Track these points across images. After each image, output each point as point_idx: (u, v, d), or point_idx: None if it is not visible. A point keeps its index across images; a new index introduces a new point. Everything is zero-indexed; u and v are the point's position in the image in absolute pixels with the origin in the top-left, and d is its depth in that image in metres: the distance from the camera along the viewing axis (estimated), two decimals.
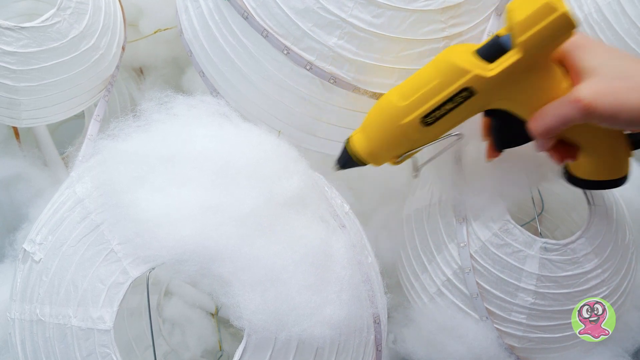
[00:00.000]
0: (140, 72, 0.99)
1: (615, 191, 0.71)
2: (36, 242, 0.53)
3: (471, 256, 0.65)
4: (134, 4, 0.90)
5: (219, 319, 0.79)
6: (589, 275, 0.64)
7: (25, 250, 0.54)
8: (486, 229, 0.65)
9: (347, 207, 0.60)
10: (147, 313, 0.77)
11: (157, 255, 0.46)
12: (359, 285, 0.51)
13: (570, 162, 0.57)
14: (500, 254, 0.64)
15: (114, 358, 0.47)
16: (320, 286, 0.48)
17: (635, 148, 0.55)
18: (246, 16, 0.61)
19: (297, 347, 0.48)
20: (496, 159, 0.62)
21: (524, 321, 0.65)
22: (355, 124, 0.65)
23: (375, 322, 0.54)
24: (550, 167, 0.64)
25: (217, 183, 0.49)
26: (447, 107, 0.53)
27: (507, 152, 0.61)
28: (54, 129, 0.95)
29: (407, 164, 0.83)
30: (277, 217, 0.49)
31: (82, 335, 0.48)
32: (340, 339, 0.49)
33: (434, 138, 0.56)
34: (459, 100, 0.52)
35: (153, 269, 0.47)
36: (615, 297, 0.66)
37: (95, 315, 0.47)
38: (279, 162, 0.52)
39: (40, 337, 0.50)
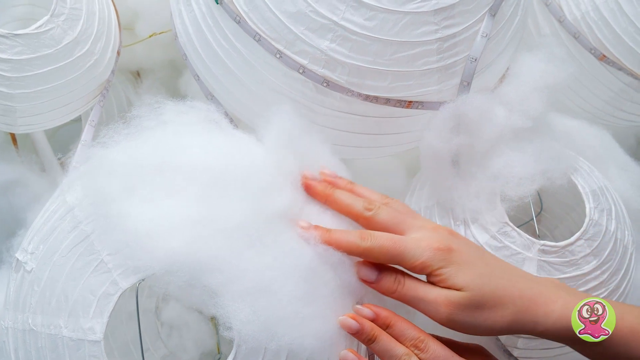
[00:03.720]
0: (137, 75, 0.99)
1: (615, 191, 0.71)
2: (28, 251, 0.54)
3: None
4: (130, 7, 0.90)
5: (217, 322, 0.79)
6: (588, 277, 0.64)
7: (17, 259, 0.54)
8: (484, 231, 0.65)
9: None
10: (146, 316, 0.78)
11: (147, 266, 0.46)
12: (349, 299, 0.51)
13: None
14: (498, 256, 0.64)
15: None
16: (310, 297, 0.48)
17: None
18: (238, 20, 0.61)
19: (287, 357, 0.47)
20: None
21: None
22: (349, 126, 0.65)
23: None
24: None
25: (206, 194, 0.49)
26: None
27: None
28: (51, 133, 0.95)
29: (406, 163, 0.84)
30: (266, 229, 0.49)
31: (73, 346, 0.48)
32: (331, 350, 0.49)
33: None
34: None
35: (143, 279, 0.47)
36: (615, 298, 0.65)
37: (86, 326, 0.47)
38: (269, 173, 0.52)
39: (32, 347, 0.50)
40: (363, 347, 0.52)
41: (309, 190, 0.54)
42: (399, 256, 0.50)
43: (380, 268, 0.52)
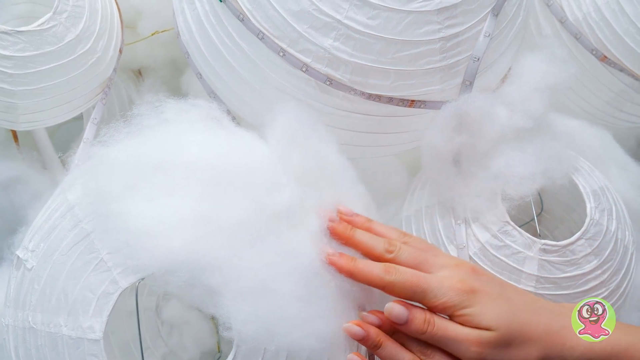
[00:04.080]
0: (138, 73, 0.99)
1: (616, 191, 0.70)
2: (29, 249, 0.53)
3: (470, 258, 0.65)
4: (132, 6, 0.89)
5: (217, 322, 0.79)
6: (589, 277, 0.64)
7: (18, 257, 0.54)
8: (485, 230, 0.65)
9: None
10: (147, 314, 0.78)
11: (147, 265, 0.46)
12: (351, 300, 0.51)
13: None
14: (499, 256, 0.64)
15: None
16: (310, 298, 0.48)
17: None
18: (242, 18, 0.61)
19: (287, 358, 0.47)
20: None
21: None
22: (351, 125, 0.65)
23: None
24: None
25: (207, 193, 0.48)
26: None
27: None
28: (53, 131, 0.95)
29: (407, 163, 0.84)
30: (267, 228, 0.49)
31: (72, 344, 0.47)
32: (330, 351, 0.49)
33: None
34: None
35: (142, 279, 0.47)
36: (615, 298, 0.66)
37: (85, 325, 0.47)
38: (270, 172, 0.52)
39: (32, 345, 0.50)
40: (363, 346, 0.52)
41: (330, 232, 0.54)
42: (421, 294, 0.50)
43: (409, 308, 0.51)
